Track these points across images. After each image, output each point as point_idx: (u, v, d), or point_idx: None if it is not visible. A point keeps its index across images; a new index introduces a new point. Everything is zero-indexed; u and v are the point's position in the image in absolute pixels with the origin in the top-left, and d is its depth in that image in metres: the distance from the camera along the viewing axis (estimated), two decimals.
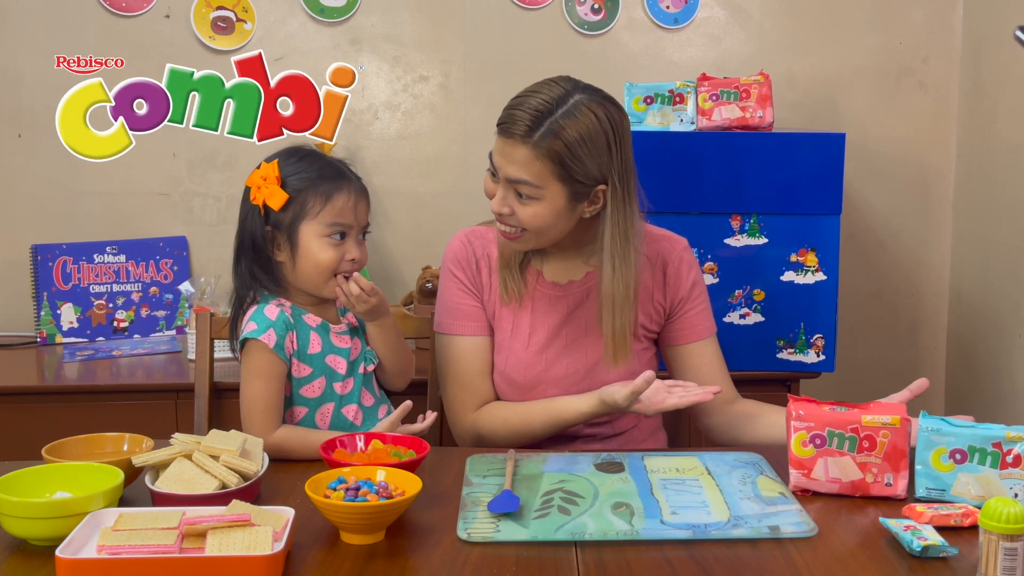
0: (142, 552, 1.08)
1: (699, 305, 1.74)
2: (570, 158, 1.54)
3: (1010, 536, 1.08)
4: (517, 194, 1.57)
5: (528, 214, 1.57)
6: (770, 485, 1.40)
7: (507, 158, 1.57)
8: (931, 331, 2.82)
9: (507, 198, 1.59)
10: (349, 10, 2.64)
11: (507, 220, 1.60)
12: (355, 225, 1.58)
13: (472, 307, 1.72)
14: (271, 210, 1.56)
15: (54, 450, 1.39)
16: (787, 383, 2.31)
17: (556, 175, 1.55)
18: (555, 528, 1.25)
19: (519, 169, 1.55)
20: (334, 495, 1.24)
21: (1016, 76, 2.44)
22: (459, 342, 1.72)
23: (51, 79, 2.60)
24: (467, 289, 1.72)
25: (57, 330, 2.53)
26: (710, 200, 2.20)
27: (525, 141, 1.54)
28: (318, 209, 1.55)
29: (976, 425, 1.34)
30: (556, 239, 1.64)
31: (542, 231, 1.60)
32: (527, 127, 1.54)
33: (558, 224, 1.60)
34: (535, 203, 1.57)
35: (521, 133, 1.54)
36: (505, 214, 1.60)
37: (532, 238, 1.62)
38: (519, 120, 1.54)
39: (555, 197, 1.57)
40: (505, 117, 1.57)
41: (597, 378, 1.68)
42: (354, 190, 1.58)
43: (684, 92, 2.32)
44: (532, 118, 1.54)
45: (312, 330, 1.60)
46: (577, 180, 1.56)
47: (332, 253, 1.56)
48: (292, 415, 1.60)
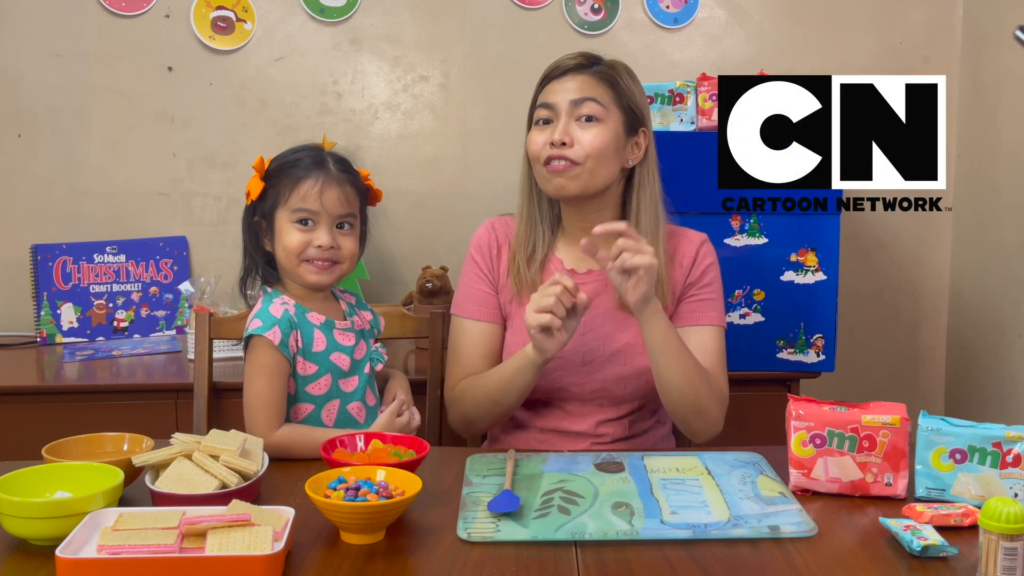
0: (142, 552, 1.08)
1: (711, 294, 1.75)
2: (624, 83, 1.69)
3: (1010, 536, 1.08)
4: (578, 120, 1.65)
5: (590, 136, 1.65)
6: (770, 485, 1.40)
7: (570, 88, 1.67)
8: (931, 331, 2.83)
9: (568, 127, 1.66)
10: (349, 10, 2.64)
11: (566, 152, 1.65)
12: (322, 212, 1.59)
13: (484, 293, 1.76)
14: (261, 201, 1.61)
15: (54, 450, 1.39)
16: (787, 383, 2.31)
17: (614, 99, 1.68)
18: (555, 528, 1.25)
19: (584, 90, 1.66)
20: (334, 495, 1.24)
21: (1016, 76, 2.44)
22: (466, 324, 1.76)
23: (51, 79, 2.61)
24: (483, 275, 1.77)
25: (57, 330, 2.53)
26: (710, 200, 2.20)
27: (583, 71, 1.68)
28: (287, 195, 1.59)
29: (976, 425, 1.34)
30: (603, 184, 1.68)
31: (598, 161, 1.65)
32: (586, 60, 1.70)
33: (611, 160, 1.67)
34: (598, 125, 1.65)
35: (581, 64, 1.69)
36: (566, 143, 1.65)
37: (586, 172, 1.65)
38: (574, 58, 1.70)
39: (615, 121, 1.67)
40: (557, 63, 1.71)
41: (609, 367, 1.70)
42: (324, 178, 1.59)
43: (684, 92, 2.32)
44: (585, 57, 1.70)
45: (316, 328, 1.61)
46: (630, 108, 1.69)
47: (299, 237, 1.58)
48: (298, 412, 1.61)
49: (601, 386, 1.71)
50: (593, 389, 1.71)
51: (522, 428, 1.76)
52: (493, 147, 2.68)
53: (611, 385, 1.71)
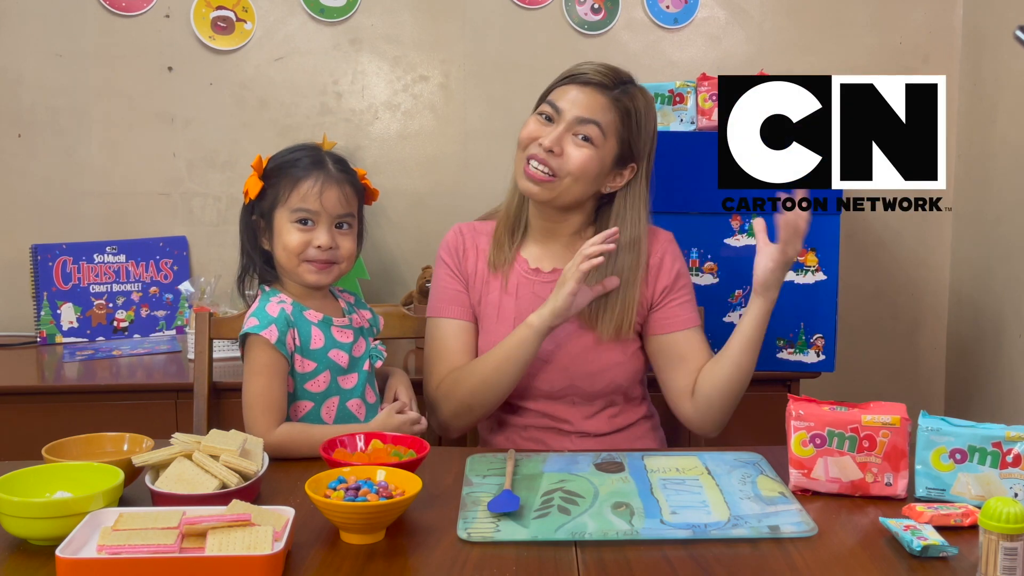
0: (142, 552, 1.08)
1: (683, 296, 1.76)
2: (635, 122, 1.68)
3: (1010, 536, 1.08)
4: (575, 137, 1.64)
5: (578, 157, 1.64)
6: (770, 485, 1.40)
7: (581, 103, 1.66)
8: (931, 331, 2.82)
9: (563, 138, 1.65)
10: (349, 10, 2.64)
11: (550, 161, 1.65)
12: (322, 212, 1.59)
13: (457, 292, 1.77)
14: (259, 201, 1.61)
15: (54, 450, 1.39)
16: (787, 383, 2.31)
17: (617, 132, 1.67)
18: (555, 528, 1.25)
19: (594, 112, 1.65)
20: (334, 495, 1.24)
21: (1016, 76, 2.44)
22: (442, 324, 1.77)
23: (51, 79, 2.61)
24: (453, 275, 1.78)
25: (57, 330, 2.53)
26: (710, 200, 2.20)
27: (605, 92, 1.66)
28: (287, 195, 1.59)
29: (976, 425, 1.34)
30: (574, 200, 1.69)
31: (576, 181, 1.65)
32: (611, 80, 1.67)
33: (590, 183, 1.67)
34: (590, 148, 1.65)
35: (604, 84, 1.66)
36: (555, 152, 1.64)
37: (560, 186, 1.66)
38: (602, 73, 1.67)
39: (608, 151, 1.67)
40: (583, 70, 1.68)
41: (580, 364, 1.71)
42: (323, 178, 1.59)
43: (684, 92, 2.32)
44: (613, 76, 1.67)
45: (314, 325, 1.61)
46: (628, 145, 1.68)
47: (298, 237, 1.58)
48: (297, 409, 1.61)
49: (569, 383, 1.72)
50: (563, 387, 1.72)
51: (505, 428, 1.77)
52: (493, 147, 2.68)
53: (580, 382, 1.72)
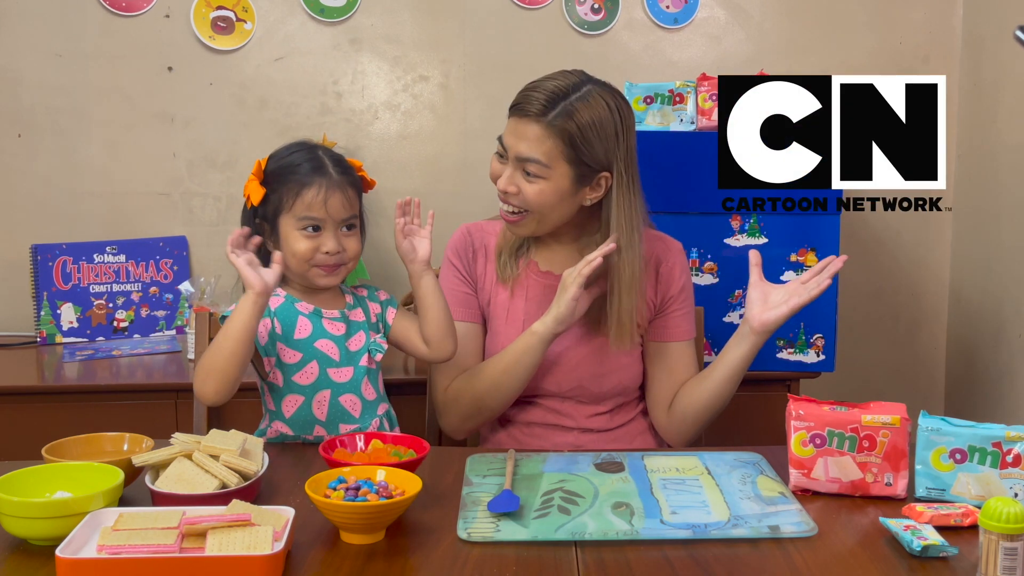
0: (142, 552, 1.08)
1: (684, 308, 1.78)
2: (581, 140, 1.59)
3: (1010, 536, 1.08)
4: (524, 173, 1.62)
5: (533, 192, 1.62)
6: (770, 485, 1.40)
7: (519, 136, 1.61)
8: (931, 331, 2.82)
9: (514, 177, 1.63)
10: (349, 10, 2.64)
11: (511, 200, 1.65)
12: (328, 219, 1.59)
13: (465, 294, 1.77)
14: (263, 205, 1.61)
15: (54, 450, 1.39)
16: (787, 383, 2.31)
17: (564, 155, 1.60)
18: (555, 528, 1.25)
19: (530, 147, 1.60)
20: (334, 495, 1.24)
21: (1016, 76, 2.44)
22: None
23: (51, 79, 2.61)
24: (462, 277, 1.78)
25: (57, 330, 2.53)
26: (710, 200, 2.20)
27: (539, 120, 1.59)
28: (291, 203, 1.59)
29: (976, 425, 1.34)
30: (557, 224, 1.68)
31: (544, 212, 1.64)
32: (542, 106, 1.59)
33: (560, 207, 1.65)
34: (541, 181, 1.61)
35: (536, 112, 1.59)
36: (511, 192, 1.64)
37: (533, 220, 1.66)
38: (535, 100, 1.60)
39: (561, 178, 1.61)
40: (520, 98, 1.63)
41: (589, 365, 1.72)
42: (327, 185, 1.59)
43: (684, 92, 2.32)
44: (548, 98, 1.59)
45: (302, 315, 1.62)
46: (584, 163, 1.61)
47: (307, 244, 1.59)
48: (288, 404, 1.61)
49: (578, 383, 1.74)
50: (571, 387, 1.74)
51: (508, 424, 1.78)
52: (493, 147, 2.66)
53: (588, 383, 1.74)
